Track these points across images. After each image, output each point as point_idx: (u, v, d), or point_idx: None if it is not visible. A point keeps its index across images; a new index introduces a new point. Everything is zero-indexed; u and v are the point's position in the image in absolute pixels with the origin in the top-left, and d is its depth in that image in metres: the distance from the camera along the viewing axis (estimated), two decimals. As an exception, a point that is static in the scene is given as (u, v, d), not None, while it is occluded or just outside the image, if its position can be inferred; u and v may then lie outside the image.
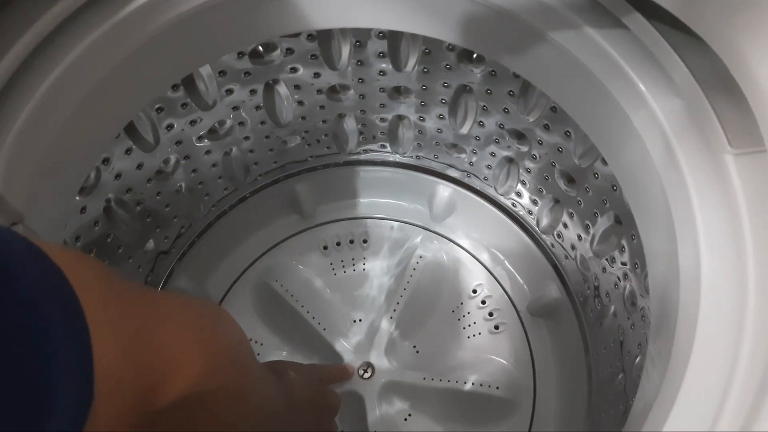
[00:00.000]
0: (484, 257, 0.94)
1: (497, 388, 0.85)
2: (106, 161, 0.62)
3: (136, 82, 0.55)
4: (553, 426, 0.85)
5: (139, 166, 0.67)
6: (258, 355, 0.86)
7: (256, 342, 0.87)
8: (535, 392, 0.86)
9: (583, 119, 0.54)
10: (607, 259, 0.70)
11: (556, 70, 0.53)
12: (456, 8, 0.53)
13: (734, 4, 0.34)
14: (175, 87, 0.63)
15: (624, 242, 0.65)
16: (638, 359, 0.64)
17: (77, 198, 0.59)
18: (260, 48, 0.67)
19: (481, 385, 0.85)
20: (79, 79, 0.49)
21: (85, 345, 0.26)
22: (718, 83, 0.38)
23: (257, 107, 0.74)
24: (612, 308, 0.72)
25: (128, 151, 0.64)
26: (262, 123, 0.77)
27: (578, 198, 0.71)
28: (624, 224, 0.63)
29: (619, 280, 0.68)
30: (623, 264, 0.66)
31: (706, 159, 0.41)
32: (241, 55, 0.65)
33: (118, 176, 0.64)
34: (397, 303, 0.89)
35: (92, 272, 0.30)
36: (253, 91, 0.71)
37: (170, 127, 0.67)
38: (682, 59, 0.41)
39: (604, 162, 0.58)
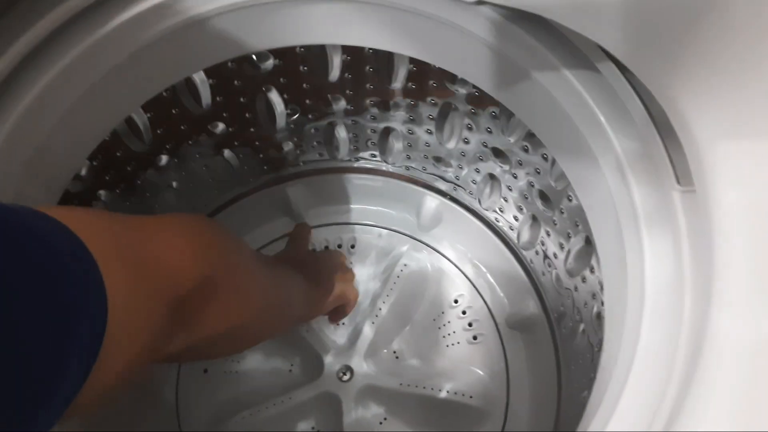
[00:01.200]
0: (468, 269, 0.96)
1: (471, 397, 0.88)
2: (95, 159, 0.64)
3: (127, 87, 0.57)
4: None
5: (129, 165, 0.69)
6: (238, 363, 0.90)
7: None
8: (508, 403, 0.89)
9: (556, 152, 0.56)
10: (579, 278, 0.72)
11: (534, 105, 0.55)
12: (443, 37, 0.55)
13: (671, 58, 0.36)
14: (167, 90, 0.66)
15: (594, 263, 0.67)
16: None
17: (64, 194, 0.61)
18: (253, 56, 0.69)
19: (455, 393, 0.88)
20: (72, 82, 0.51)
21: (96, 277, 0.32)
22: (674, 129, 0.40)
23: (249, 113, 0.76)
24: (582, 326, 0.74)
25: (119, 150, 0.66)
26: (254, 127, 0.79)
27: (554, 218, 0.73)
28: (593, 246, 0.65)
29: (590, 299, 0.70)
30: (593, 284, 0.68)
31: (657, 195, 0.44)
32: (233, 62, 0.68)
33: (107, 174, 0.67)
34: (380, 309, 0.91)
35: (94, 220, 0.37)
36: (244, 97, 0.74)
37: (161, 128, 0.70)
38: (644, 104, 0.44)
39: (575, 188, 0.60)
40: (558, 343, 0.84)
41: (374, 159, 0.91)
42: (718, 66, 0.35)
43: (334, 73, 0.73)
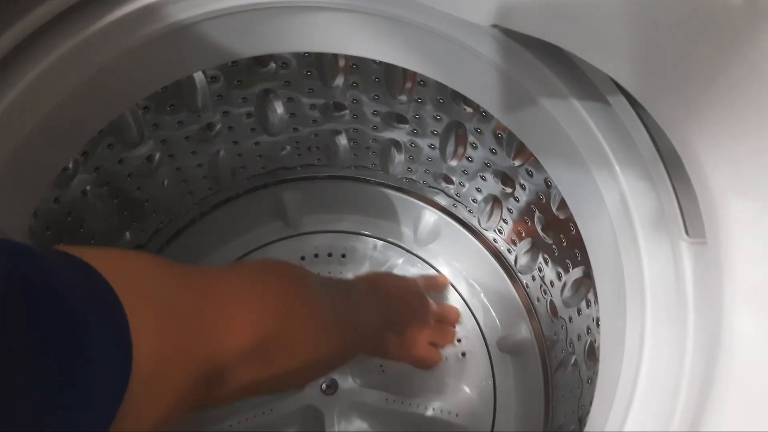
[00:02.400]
0: (462, 287, 0.94)
1: (457, 415, 0.86)
2: (85, 155, 0.62)
3: (122, 85, 0.55)
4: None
5: (121, 161, 0.67)
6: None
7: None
8: (494, 424, 0.86)
9: (559, 181, 0.54)
10: (575, 310, 0.70)
11: (540, 132, 0.53)
12: (453, 56, 0.53)
13: (692, 101, 0.34)
14: (164, 88, 0.63)
15: (591, 297, 0.65)
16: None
17: (51, 189, 0.59)
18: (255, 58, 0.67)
19: (441, 411, 0.86)
20: (63, 78, 0.49)
21: (124, 336, 0.29)
22: (686, 174, 0.38)
23: (248, 114, 0.74)
24: (574, 358, 0.72)
25: (110, 146, 0.64)
26: (252, 129, 0.77)
27: (553, 246, 0.71)
28: (592, 280, 0.63)
29: (584, 332, 0.68)
30: (588, 318, 0.66)
31: (663, 244, 0.41)
32: (234, 63, 0.66)
33: (96, 169, 0.65)
34: (368, 322, 0.89)
35: (132, 267, 0.34)
36: (244, 99, 0.72)
37: (156, 125, 0.68)
38: (654, 142, 0.41)
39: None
40: (548, 371, 0.82)
41: (374, 169, 0.89)
42: (741, 119, 0.32)
43: (339, 80, 0.71)
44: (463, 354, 0.90)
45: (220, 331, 0.38)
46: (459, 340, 0.90)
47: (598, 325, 0.63)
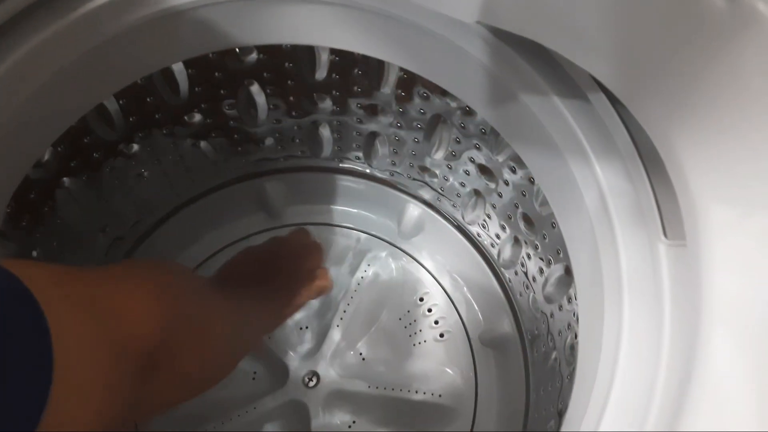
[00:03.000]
0: (445, 280, 0.94)
1: (440, 396, 0.86)
2: (61, 146, 0.61)
3: (99, 74, 0.54)
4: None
5: (97, 152, 0.66)
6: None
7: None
8: (475, 412, 0.87)
9: (542, 180, 0.54)
10: (556, 306, 0.70)
11: (521, 128, 0.53)
12: (436, 51, 0.53)
13: (673, 101, 0.34)
14: (142, 78, 0.62)
15: (572, 293, 0.65)
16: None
17: (26, 180, 0.58)
18: (236, 49, 0.66)
19: (424, 393, 0.86)
20: (39, 66, 0.48)
21: (44, 329, 0.30)
22: (665, 174, 0.38)
23: (229, 106, 0.73)
24: (554, 354, 0.72)
25: (87, 137, 0.63)
26: (234, 120, 0.76)
27: (536, 242, 0.71)
28: (572, 278, 0.63)
29: (564, 328, 0.68)
30: (569, 314, 0.66)
31: (641, 245, 0.41)
32: (214, 53, 0.65)
33: (72, 161, 0.64)
34: (345, 312, 0.89)
35: (43, 271, 0.34)
36: (225, 90, 0.71)
37: (134, 116, 0.67)
38: (636, 146, 0.41)
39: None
40: (529, 366, 0.82)
41: (358, 161, 0.88)
42: (723, 121, 0.32)
43: (321, 73, 0.70)
44: (441, 335, 0.90)
45: (132, 319, 0.39)
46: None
47: (578, 321, 0.63)
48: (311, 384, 0.85)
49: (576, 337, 0.65)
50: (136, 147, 0.70)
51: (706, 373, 0.33)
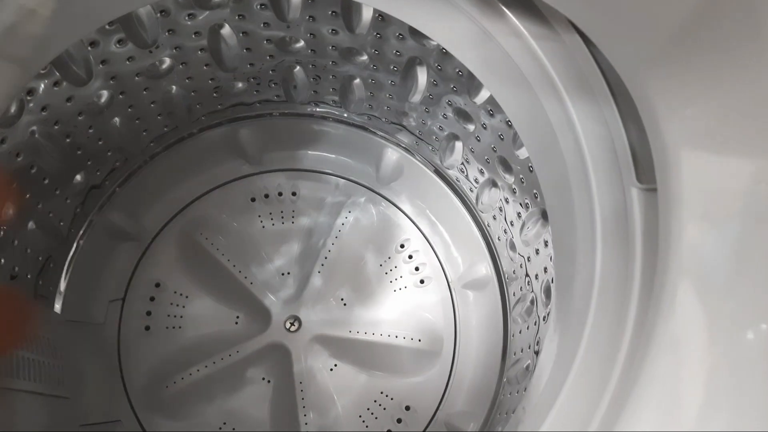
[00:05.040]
0: (424, 224, 0.94)
1: (419, 340, 0.88)
2: (31, 92, 0.59)
3: (63, 19, 0.52)
4: (469, 380, 0.87)
5: (69, 99, 0.65)
6: (183, 307, 0.87)
7: (181, 294, 0.87)
8: (455, 353, 0.88)
9: (518, 124, 0.53)
10: (533, 249, 0.71)
11: (496, 70, 0.52)
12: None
13: (648, 45, 0.33)
14: (111, 23, 0.61)
15: (548, 237, 0.66)
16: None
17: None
18: (207, -9, 0.64)
19: (404, 337, 0.88)
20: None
21: None
22: (640, 121, 0.38)
23: (201, 49, 0.71)
24: (531, 296, 0.73)
25: (56, 83, 0.62)
26: (207, 65, 0.74)
27: (514, 186, 0.71)
28: (548, 221, 0.63)
29: (541, 272, 0.69)
30: (546, 258, 0.67)
31: (614, 189, 0.41)
32: (184, -4, 0.63)
33: (44, 109, 0.62)
34: (326, 258, 0.89)
35: None
36: (197, 33, 0.69)
37: (105, 62, 0.65)
38: (611, 90, 0.41)
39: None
40: (507, 307, 0.84)
41: (335, 105, 0.87)
42: (699, 65, 0.32)
43: (294, 14, 0.68)
44: (422, 281, 0.91)
45: None
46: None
47: (554, 265, 0.64)
48: (293, 329, 0.86)
49: (552, 279, 0.66)
50: (107, 93, 0.69)
51: (666, 332, 0.33)
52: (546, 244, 0.67)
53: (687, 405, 0.30)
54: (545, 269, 0.67)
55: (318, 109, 0.88)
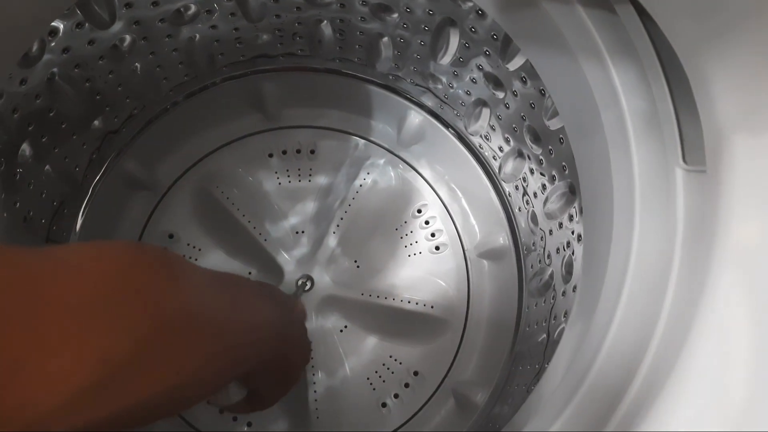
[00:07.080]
0: (443, 190, 0.93)
1: (432, 307, 0.87)
2: (52, 34, 0.58)
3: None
4: (479, 350, 0.87)
5: (91, 43, 0.63)
6: (195, 260, 0.86)
7: (194, 247, 0.86)
8: (467, 320, 0.88)
9: (555, 93, 0.51)
10: (556, 223, 0.70)
11: (539, 37, 0.50)
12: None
13: (709, 21, 0.31)
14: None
15: (574, 212, 0.64)
16: (561, 327, 0.65)
17: (16, 70, 0.55)
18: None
19: (417, 303, 0.87)
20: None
21: None
22: (689, 97, 0.36)
23: (228, -1, 0.69)
24: (550, 270, 0.72)
25: (79, 25, 0.60)
26: (232, 14, 0.72)
27: (541, 157, 0.69)
28: (576, 196, 0.62)
29: (563, 247, 0.68)
30: (569, 233, 0.66)
31: (658, 168, 0.40)
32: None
33: (65, 50, 0.60)
34: (342, 219, 0.88)
35: None
36: (224, -19, 0.67)
37: (129, 5, 0.63)
38: (662, 65, 0.39)
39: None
40: (523, 280, 0.83)
41: (360, 63, 0.85)
42: (759, 46, 0.30)
43: (326, -34, 0.66)
44: (437, 248, 0.90)
45: (49, 367, 0.25)
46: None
47: (579, 240, 0.63)
48: (305, 288, 0.85)
49: (573, 254, 0.65)
50: (129, 38, 0.67)
51: (708, 323, 0.32)
52: (571, 218, 0.65)
53: (732, 398, 0.29)
54: (567, 243, 0.66)
55: (342, 67, 0.86)
